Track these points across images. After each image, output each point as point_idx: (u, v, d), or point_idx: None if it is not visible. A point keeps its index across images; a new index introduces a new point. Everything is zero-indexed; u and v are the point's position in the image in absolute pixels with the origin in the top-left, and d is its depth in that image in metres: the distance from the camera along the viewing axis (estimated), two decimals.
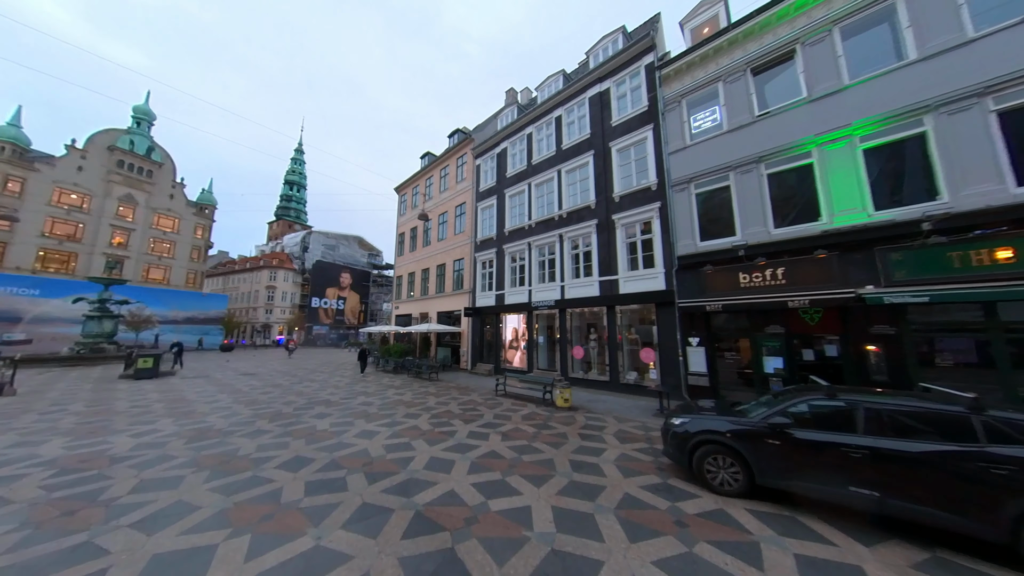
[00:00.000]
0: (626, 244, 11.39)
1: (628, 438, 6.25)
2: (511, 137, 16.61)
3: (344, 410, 8.39)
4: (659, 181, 10.68)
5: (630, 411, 8.44)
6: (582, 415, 8.05)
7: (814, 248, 7.58)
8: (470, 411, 8.33)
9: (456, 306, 18.09)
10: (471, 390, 11.45)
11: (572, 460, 5.12)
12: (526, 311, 14.16)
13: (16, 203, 28.66)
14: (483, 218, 17.56)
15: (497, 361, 15.10)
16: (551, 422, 7.35)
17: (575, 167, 13.34)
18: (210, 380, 13.36)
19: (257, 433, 6.43)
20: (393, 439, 6.09)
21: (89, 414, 7.79)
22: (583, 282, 12.32)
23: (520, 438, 6.20)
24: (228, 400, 9.54)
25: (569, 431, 6.65)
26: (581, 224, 12.60)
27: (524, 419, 7.59)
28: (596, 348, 12.01)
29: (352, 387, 12.07)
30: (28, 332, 26.22)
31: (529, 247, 14.54)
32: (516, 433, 6.48)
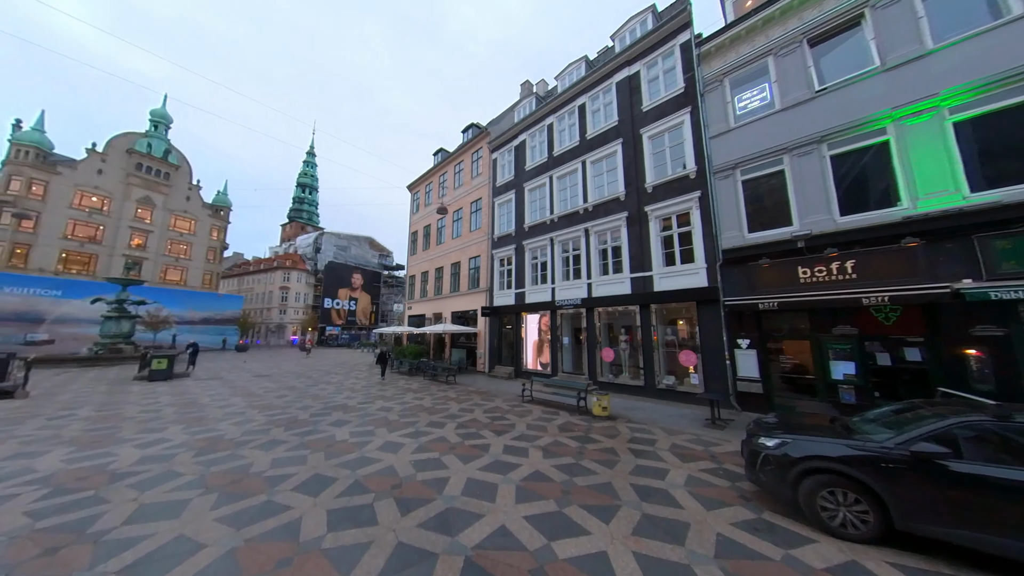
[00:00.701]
0: (660, 238, 10.53)
1: (688, 455, 5.44)
2: (530, 129, 15.87)
3: (363, 417, 7.78)
4: (698, 168, 9.80)
5: (676, 421, 7.60)
6: (624, 425, 7.25)
7: (893, 237, 6.63)
8: (498, 420, 7.62)
9: (472, 306, 17.44)
10: (494, 395, 10.74)
11: (635, 484, 4.35)
12: (549, 310, 13.40)
13: (39, 206, 29.27)
14: (500, 214, 16.87)
15: (517, 364, 14.37)
16: (592, 434, 6.58)
17: (601, 157, 12.53)
18: (224, 382, 12.99)
19: (272, 444, 5.84)
20: (420, 454, 5.42)
21: (97, 420, 7.36)
22: (612, 279, 11.49)
23: (564, 454, 5.45)
24: (242, 404, 9.05)
25: (616, 446, 5.87)
26: (609, 217, 11.78)
27: (561, 430, 6.83)
28: (627, 350, 11.17)
29: (368, 391, 11.50)
30: (50, 332, 26.64)
31: (551, 243, 13.77)
32: (558, 448, 5.73)
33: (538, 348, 13.94)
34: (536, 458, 5.26)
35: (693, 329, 9.53)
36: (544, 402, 9.53)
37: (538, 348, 13.94)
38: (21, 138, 29.26)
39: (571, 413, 8.31)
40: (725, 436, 6.44)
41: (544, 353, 13.58)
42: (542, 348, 13.74)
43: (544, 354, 13.57)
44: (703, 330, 9.22)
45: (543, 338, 13.72)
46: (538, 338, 13.99)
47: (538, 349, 13.93)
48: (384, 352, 14.79)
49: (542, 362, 13.61)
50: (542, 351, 13.72)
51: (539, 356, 13.81)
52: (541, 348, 13.79)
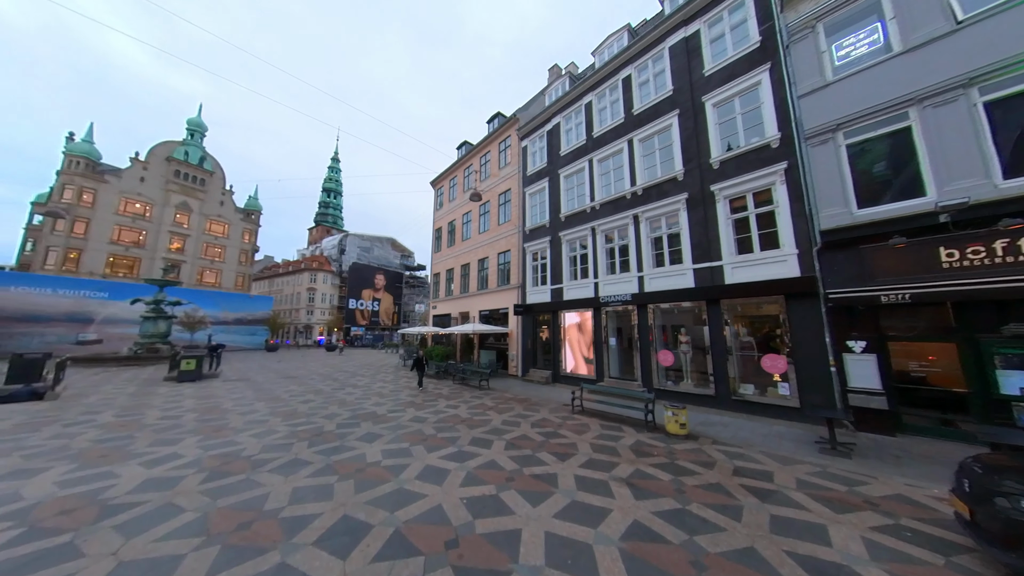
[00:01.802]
0: (731, 221, 8.94)
1: (833, 500, 3.98)
2: (565, 110, 14.54)
3: (395, 429, 6.75)
4: (783, 135, 8.16)
5: (776, 443, 6.07)
6: (713, 449, 5.81)
7: None
8: (552, 437, 6.37)
9: (502, 304, 16.31)
10: (536, 404, 9.51)
11: (792, 553, 2.98)
12: (592, 307, 12.02)
13: (89, 213, 30.95)
14: (532, 204, 15.64)
15: (556, 367, 13.08)
16: (679, 460, 5.21)
17: (652, 133, 11.02)
18: (250, 384, 12.51)
19: (293, 466, 4.88)
20: (472, 487, 4.26)
21: (114, 427, 6.75)
22: (669, 271, 9.98)
23: (659, 492, 4.13)
24: (265, 411, 8.30)
25: (723, 480, 4.48)
26: (664, 201, 10.28)
27: (637, 454, 5.50)
28: (689, 353, 9.62)
29: (397, 396, 10.57)
30: (99, 332, 27.97)
31: (593, 233, 12.39)
32: (647, 483, 4.41)
33: (579, 350, 12.58)
34: (626, 499, 3.97)
35: (779, 328, 7.90)
36: (599, 414, 8.20)
37: (579, 350, 12.58)
38: (73, 149, 31.05)
39: (638, 429, 6.93)
40: (861, 469, 4.89)
41: (587, 355, 12.20)
42: (584, 350, 12.37)
43: (587, 356, 12.19)
44: (795, 330, 7.58)
45: (585, 339, 12.35)
46: (579, 339, 12.63)
47: (579, 351, 12.57)
48: (420, 357, 12.45)
49: (585, 366, 12.24)
50: (584, 353, 12.35)
51: (581, 359, 12.45)
52: (583, 350, 12.43)
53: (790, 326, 7.65)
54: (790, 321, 7.66)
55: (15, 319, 24.85)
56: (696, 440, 6.25)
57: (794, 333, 7.59)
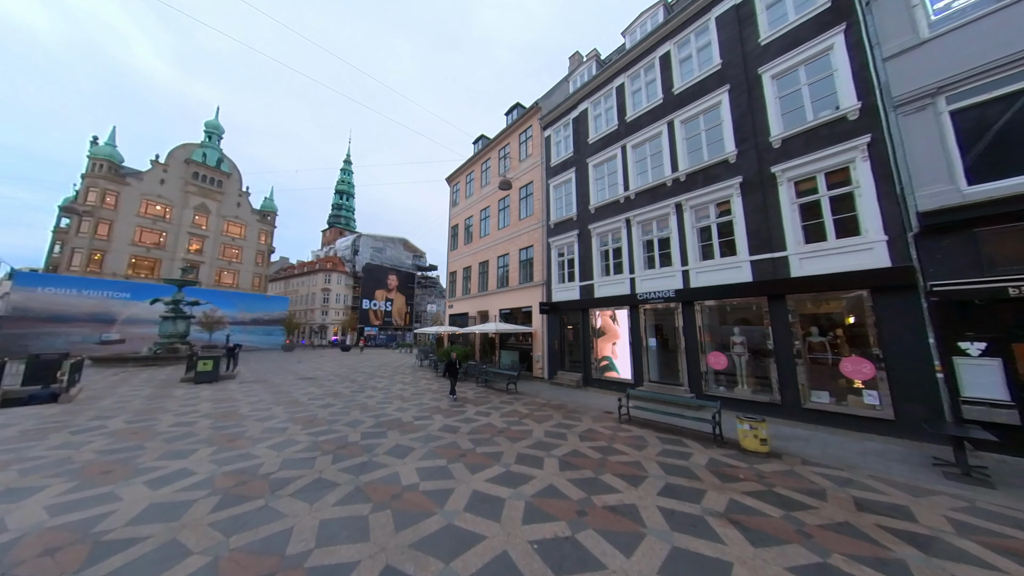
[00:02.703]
0: (797, 207, 7.89)
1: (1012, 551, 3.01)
2: (593, 95, 13.63)
3: (426, 442, 6.00)
4: (864, 104, 7.09)
5: (880, 464, 5.06)
6: (807, 471, 4.85)
7: None
8: (609, 454, 5.51)
9: (524, 302, 15.49)
10: (574, 411, 8.65)
11: None
12: (628, 305, 11.08)
13: (112, 215, 31.51)
14: (556, 196, 14.77)
15: (587, 370, 12.17)
16: (778, 487, 4.27)
17: (696, 113, 10.02)
18: (267, 386, 12.02)
19: (318, 488, 4.16)
20: (538, 524, 3.45)
21: (124, 435, 6.20)
22: (721, 264, 8.98)
23: (783, 537, 3.23)
24: (283, 417, 7.68)
25: (857, 521, 3.54)
26: (713, 187, 9.27)
27: (721, 479, 4.58)
28: (745, 355, 8.60)
29: (420, 400, 9.86)
30: (121, 332, 28.39)
31: (627, 224, 11.45)
32: (762, 523, 3.50)
33: (613, 351, 11.64)
34: (740, 545, 3.08)
35: (864, 327, 6.84)
36: (650, 424, 7.27)
37: (613, 351, 11.64)
38: (97, 152, 31.68)
39: (704, 444, 5.99)
40: (1017, 504, 3.87)
41: (622, 357, 11.26)
42: (619, 351, 11.43)
43: (622, 359, 11.25)
44: (885, 329, 6.51)
45: (620, 339, 11.40)
46: (613, 339, 11.69)
47: (613, 352, 11.63)
48: (453, 361, 10.31)
49: (620, 368, 11.29)
50: (619, 355, 11.41)
51: (616, 361, 11.50)
52: (617, 351, 11.49)
53: (878, 324, 6.59)
54: (879, 319, 6.59)
55: (42, 319, 25.34)
56: (781, 459, 5.29)
57: (884, 333, 6.52)
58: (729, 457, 5.38)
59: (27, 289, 25.06)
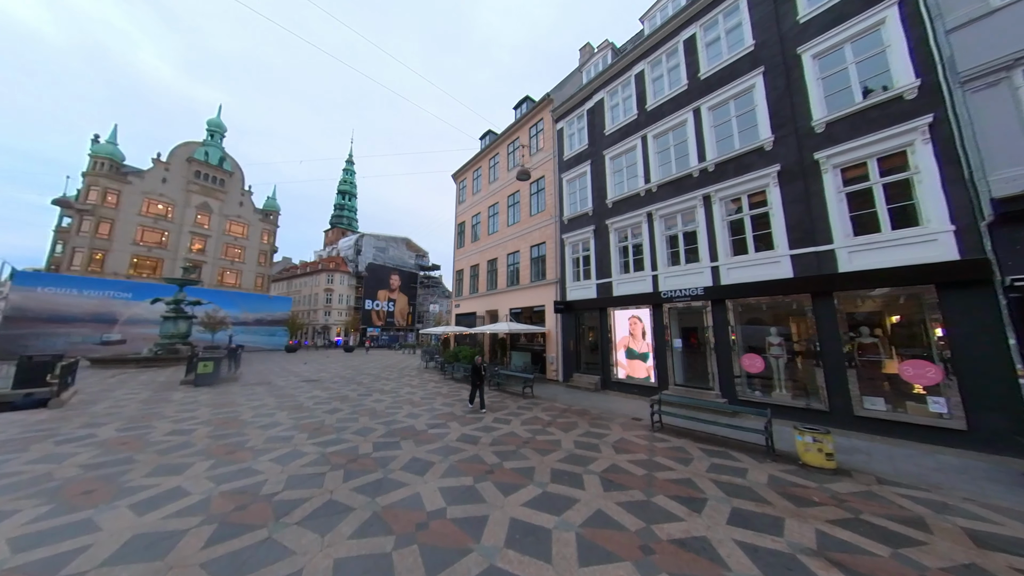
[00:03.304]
0: (843, 195, 7.25)
1: None
2: (609, 84, 13.01)
3: (445, 454, 5.40)
4: (924, 81, 6.45)
5: (968, 482, 4.43)
6: (889, 492, 4.22)
7: None
8: (654, 469, 4.90)
9: (536, 301, 14.89)
10: (599, 418, 8.03)
11: None
12: (650, 304, 10.46)
13: (113, 213, 31.16)
14: (570, 191, 14.16)
15: (606, 372, 11.55)
16: (867, 515, 3.65)
17: (726, 99, 9.40)
18: (270, 389, 11.46)
19: (329, 514, 3.58)
20: (600, 566, 2.84)
21: (113, 446, 5.64)
22: (755, 260, 8.35)
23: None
24: (288, 424, 7.11)
25: (987, 563, 2.92)
26: (745, 177, 8.65)
27: (798, 503, 3.96)
28: (783, 357, 7.96)
29: (431, 405, 9.28)
30: (123, 332, 27.96)
31: (649, 219, 10.83)
32: (872, 566, 2.88)
33: (635, 353, 11.01)
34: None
35: (925, 326, 6.20)
36: (687, 433, 6.64)
37: (635, 353, 11.01)
38: (98, 150, 31.33)
39: (757, 458, 5.36)
40: None
41: (644, 359, 10.62)
42: (640, 352, 10.80)
43: (645, 360, 10.62)
44: (954, 328, 5.87)
45: (641, 340, 10.77)
46: (634, 340, 11.06)
47: (635, 354, 11.00)
48: (478, 365, 8.73)
49: (642, 371, 10.66)
50: (641, 356, 10.78)
51: (637, 363, 10.87)
52: (639, 353, 10.86)
53: (946, 324, 5.94)
54: (946, 317, 5.95)
55: (41, 319, 24.92)
56: (851, 477, 4.66)
57: (953, 333, 5.87)
58: (790, 473, 4.76)
59: (26, 289, 24.65)
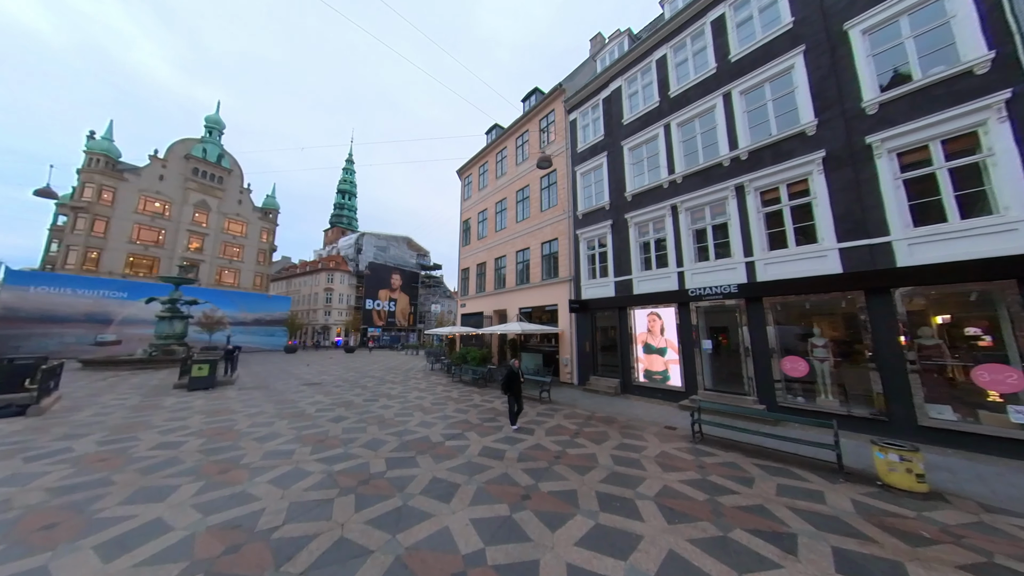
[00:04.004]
0: (899, 182, 6.59)
1: None
2: (628, 71, 12.34)
3: (470, 473, 4.73)
4: (1000, 53, 5.78)
5: None
6: (1007, 523, 3.55)
7: None
8: (715, 492, 4.23)
9: (548, 300, 14.23)
10: (627, 426, 7.36)
11: None
12: (675, 303, 9.80)
13: (108, 211, 30.41)
14: (585, 184, 13.49)
15: (626, 375, 10.87)
16: (1002, 558, 2.98)
17: (760, 81, 8.74)
18: (269, 393, 10.78)
19: (341, 559, 2.91)
20: None
21: (91, 463, 4.95)
22: (797, 254, 7.68)
23: None
24: (289, 435, 6.42)
25: None
26: (785, 164, 7.98)
27: (906, 539, 3.29)
28: (829, 360, 7.29)
29: (443, 411, 8.60)
30: (118, 333, 27.24)
31: (673, 212, 10.16)
32: None
33: (657, 354, 10.33)
34: None
35: (998, 326, 5.54)
36: (733, 445, 5.97)
37: (657, 354, 10.33)
38: (93, 147, 30.59)
39: (827, 477, 4.68)
40: None
41: (670, 361, 9.95)
42: (664, 354, 10.12)
43: (670, 362, 9.95)
44: None
45: (665, 341, 10.10)
46: (656, 341, 10.38)
47: (657, 356, 10.32)
48: (514, 370, 7.05)
49: (667, 374, 9.99)
50: (664, 359, 10.10)
51: (660, 365, 10.19)
52: (662, 354, 10.18)
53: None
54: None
55: (34, 320, 24.19)
56: (949, 502, 3.99)
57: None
58: (874, 497, 4.09)
59: (18, 288, 23.91)
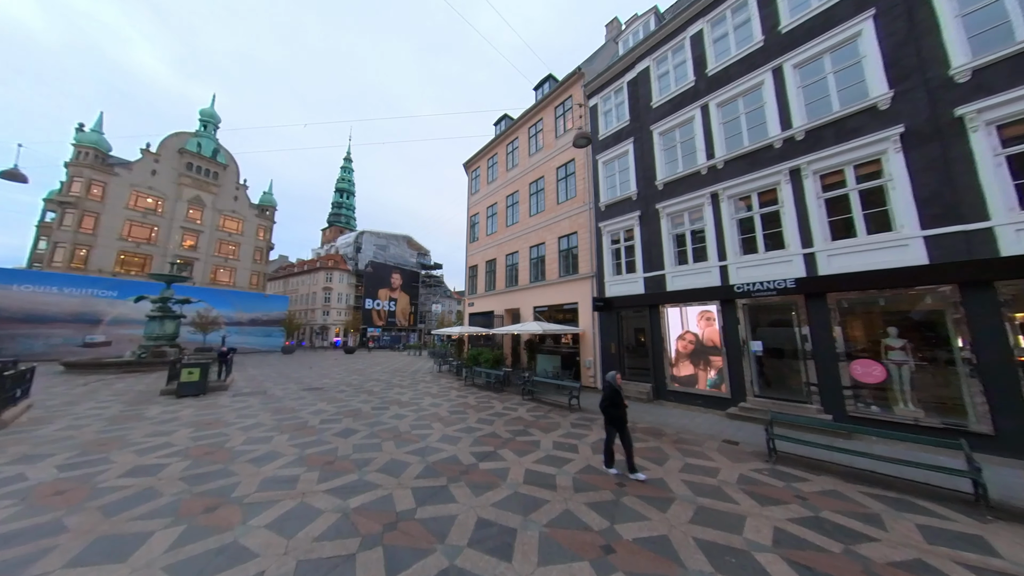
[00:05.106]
0: (1001, 159, 5.69)
1: None
2: (657, 50, 11.42)
3: (520, 509, 3.77)
4: None
5: None
6: None
7: None
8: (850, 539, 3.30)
9: (567, 298, 13.29)
10: (681, 441, 6.42)
11: None
12: (718, 299, 8.88)
13: (98, 207, 29.19)
14: (608, 174, 12.57)
15: (659, 380, 9.94)
16: None
17: (819, 52, 7.83)
18: (267, 400, 9.76)
19: None
20: None
21: (42, 498, 3.96)
22: (868, 244, 6.78)
23: None
24: (290, 454, 5.44)
25: None
26: (852, 143, 7.08)
27: None
28: (909, 363, 6.39)
29: (465, 422, 7.63)
30: (107, 334, 26.06)
31: (714, 200, 9.25)
32: None
33: (695, 357, 9.41)
34: None
35: None
36: (822, 467, 5.04)
37: (695, 357, 9.41)
38: (82, 139, 29.35)
39: (970, 513, 3.76)
40: None
41: (709, 365, 9.03)
42: (704, 357, 9.21)
43: (709, 366, 9.03)
44: None
45: (705, 342, 9.18)
46: (694, 342, 9.45)
47: (695, 358, 9.40)
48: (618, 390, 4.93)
49: (707, 379, 9.07)
50: (704, 361, 9.18)
51: (699, 369, 9.27)
52: (701, 357, 9.26)
53: None
54: None
55: (18, 320, 22.97)
56: None
57: None
58: None
59: (1, 286, 22.70)
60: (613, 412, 4.84)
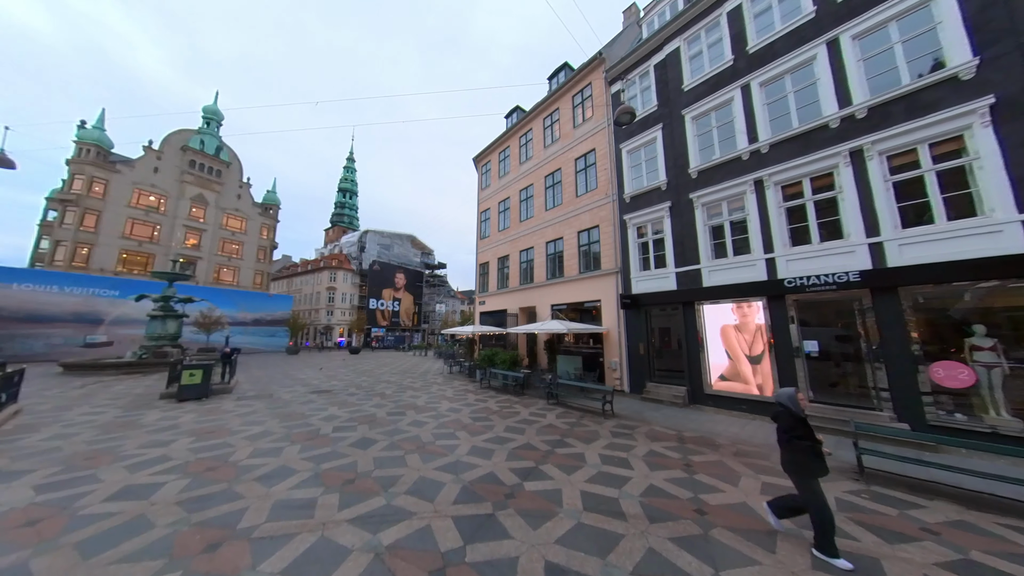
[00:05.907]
0: None
1: None
2: (688, 29, 10.67)
3: (597, 548, 3.07)
4: None
5: None
6: None
7: None
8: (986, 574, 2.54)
9: (589, 295, 12.56)
10: (740, 453, 5.68)
11: None
12: (764, 295, 8.13)
13: (100, 204, 28.71)
14: (633, 163, 11.83)
15: (695, 383, 9.19)
16: None
17: (882, 20, 7.06)
18: (273, 404, 9.09)
19: None
20: None
21: (13, 526, 3.27)
22: (947, 231, 6.02)
23: None
24: (304, 470, 4.74)
25: None
26: (928, 119, 6.31)
27: None
28: (1003, 366, 5.62)
29: (492, 430, 6.91)
30: (109, 333, 25.54)
31: (757, 187, 8.50)
32: None
33: (735, 357, 8.65)
34: None
35: None
36: (919, 486, 4.29)
37: (735, 357, 8.65)
38: (84, 136, 28.89)
39: None
40: None
41: (753, 367, 8.27)
42: (745, 357, 8.45)
43: (752, 369, 8.27)
44: None
45: (745, 341, 8.43)
46: (734, 341, 8.70)
47: (735, 359, 8.64)
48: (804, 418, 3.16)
49: (748, 381, 8.31)
50: (744, 362, 8.43)
51: (743, 370, 8.51)
52: (742, 357, 8.50)
53: None
54: None
55: (17, 319, 22.46)
56: None
57: None
58: None
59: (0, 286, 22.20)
60: (800, 453, 3.03)
